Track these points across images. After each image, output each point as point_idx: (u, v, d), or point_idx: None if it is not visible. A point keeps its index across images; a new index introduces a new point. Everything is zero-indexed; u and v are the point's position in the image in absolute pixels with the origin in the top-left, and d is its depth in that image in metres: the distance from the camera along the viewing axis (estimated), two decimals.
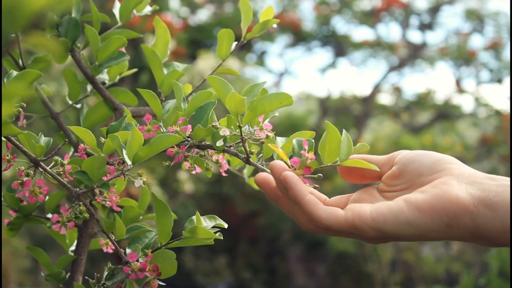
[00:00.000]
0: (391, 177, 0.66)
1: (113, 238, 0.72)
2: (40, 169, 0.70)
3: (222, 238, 0.69)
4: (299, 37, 5.43)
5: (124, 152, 0.68)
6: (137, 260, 0.68)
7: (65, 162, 0.71)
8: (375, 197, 0.67)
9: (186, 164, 0.73)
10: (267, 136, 0.69)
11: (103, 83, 0.88)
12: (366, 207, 0.63)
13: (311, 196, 0.64)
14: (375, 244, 0.65)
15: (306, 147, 0.67)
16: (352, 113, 5.61)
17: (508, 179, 0.60)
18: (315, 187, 0.68)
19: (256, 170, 0.71)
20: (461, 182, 0.61)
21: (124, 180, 0.71)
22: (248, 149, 0.69)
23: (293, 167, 0.66)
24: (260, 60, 5.59)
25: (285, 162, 0.67)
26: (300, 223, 0.67)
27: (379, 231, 0.61)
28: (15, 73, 0.69)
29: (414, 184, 0.64)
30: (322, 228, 0.64)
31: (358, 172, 0.69)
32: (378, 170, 0.68)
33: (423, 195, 0.61)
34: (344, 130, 0.68)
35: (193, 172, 0.72)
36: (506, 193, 0.59)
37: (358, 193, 0.68)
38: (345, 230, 0.63)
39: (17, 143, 0.70)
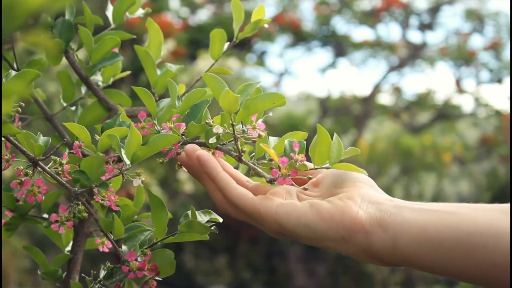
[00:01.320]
0: (313, 183, 0.70)
1: (112, 237, 0.72)
2: (39, 169, 0.70)
3: (217, 232, 0.70)
4: (299, 37, 5.43)
5: (123, 151, 0.68)
6: (136, 259, 0.68)
7: (64, 161, 0.71)
8: (290, 195, 0.69)
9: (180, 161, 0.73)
10: (259, 136, 0.69)
11: (97, 85, 0.88)
12: (276, 200, 0.66)
13: (225, 173, 0.68)
14: (273, 237, 0.68)
15: (297, 149, 0.67)
16: (352, 113, 5.61)
17: (405, 202, 0.63)
18: (305, 189, 0.69)
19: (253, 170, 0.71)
20: (364, 201, 0.64)
21: (123, 179, 0.72)
22: (240, 147, 0.70)
23: (280, 166, 0.67)
24: (260, 60, 5.59)
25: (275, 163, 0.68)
26: (215, 200, 0.71)
27: (280, 225, 0.65)
28: (13, 73, 0.69)
29: (325, 193, 0.67)
30: (231, 206, 0.68)
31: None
32: (366, 173, 0.69)
33: (327, 204, 0.64)
34: (335, 134, 0.69)
35: (185, 170, 0.73)
36: (398, 214, 0.61)
37: (278, 188, 0.71)
38: (251, 214, 0.66)
39: (16, 142, 0.70)
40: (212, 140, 0.70)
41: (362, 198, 0.64)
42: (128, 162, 0.68)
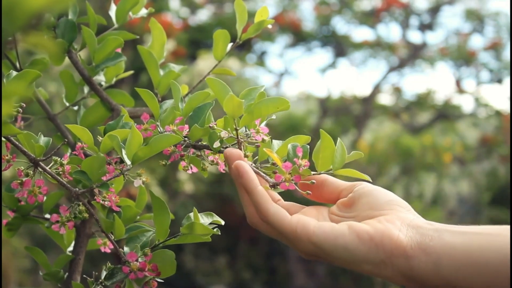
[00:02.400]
0: (345, 203, 0.69)
1: (113, 238, 0.72)
2: (40, 169, 0.70)
3: (219, 233, 0.70)
4: (299, 37, 5.43)
5: (124, 152, 0.68)
6: (137, 260, 0.68)
7: (65, 162, 0.71)
8: (323, 217, 0.69)
9: (182, 164, 0.73)
10: (263, 140, 0.69)
11: (100, 85, 0.88)
12: (312, 221, 0.65)
13: (262, 188, 0.66)
14: (305, 258, 0.67)
15: (300, 154, 0.67)
16: (352, 113, 5.61)
17: (445, 225, 0.63)
18: (308, 193, 0.68)
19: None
20: (404, 224, 0.63)
21: (124, 180, 0.72)
22: (244, 151, 0.70)
23: (283, 171, 0.67)
24: (260, 60, 5.58)
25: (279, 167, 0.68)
26: (247, 213, 0.70)
27: (316, 246, 0.63)
28: (14, 73, 0.69)
29: (361, 215, 0.66)
30: (265, 223, 0.67)
31: (317, 190, 0.71)
32: (370, 180, 0.70)
33: (367, 226, 0.63)
34: (339, 139, 0.68)
35: (189, 172, 0.73)
36: (440, 237, 0.61)
37: (310, 208, 0.70)
38: (286, 233, 0.65)
39: (17, 143, 0.70)
40: (216, 144, 0.70)
41: (401, 221, 0.63)
42: (129, 162, 0.68)
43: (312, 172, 0.68)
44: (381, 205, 0.66)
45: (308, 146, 0.69)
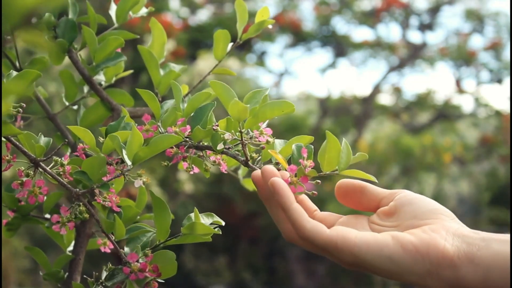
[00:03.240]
0: (385, 212, 0.67)
1: (113, 238, 0.72)
2: (40, 170, 0.70)
3: (220, 233, 0.69)
4: (299, 37, 5.43)
5: (124, 152, 0.68)
6: (137, 261, 0.68)
7: (65, 162, 0.71)
8: (363, 226, 0.67)
9: (184, 165, 0.73)
10: (267, 142, 0.69)
11: (100, 84, 0.88)
12: (352, 232, 0.63)
13: (298, 205, 0.64)
14: (347, 268, 0.66)
15: (305, 155, 0.67)
16: (352, 113, 5.61)
17: (491, 234, 0.61)
18: (313, 194, 0.68)
19: (252, 170, 0.71)
20: (449, 233, 0.62)
21: (124, 180, 0.72)
22: (248, 153, 0.70)
23: (290, 174, 0.66)
24: (260, 60, 5.59)
25: (284, 168, 0.67)
26: (283, 230, 0.68)
27: (359, 258, 0.62)
28: (14, 73, 0.69)
29: (404, 225, 0.65)
30: (303, 239, 0.65)
31: (355, 198, 0.70)
32: (375, 180, 0.69)
33: (411, 236, 0.62)
34: (344, 139, 0.68)
35: (191, 173, 0.73)
36: (488, 247, 0.60)
37: (348, 218, 0.69)
38: (325, 247, 0.63)
39: (17, 143, 0.70)
40: (220, 146, 0.69)
41: (446, 231, 0.62)
42: (129, 163, 0.68)
43: (318, 173, 0.68)
44: (425, 214, 0.64)
45: (312, 147, 0.69)
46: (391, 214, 0.66)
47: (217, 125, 0.70)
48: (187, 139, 0.71)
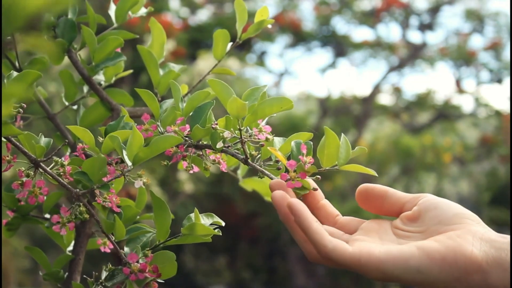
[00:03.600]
0: (409, 217, 0.66)
1: (113, 239, 0.72)
2: (40, 170, 0.70)
3: (220, 234, 0.69)
4: (299, 37, 5.43)
5: (124, 152, 0.68)
6: (137, 261, 0.68)
7: (66, 162, 0.71)
8: (386, 232, 0.66)
9: (183, 164, 0.73)
10: (267, 139, 0.69)
11: (100, 84, 0.88)
12: (375, 248, 0.62)
13: (318, 225, 0.63)
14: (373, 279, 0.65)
15: (304, 152, 0.67)
16: (352, 113, 5.61)
17: None
18: (314, 189, 0.68)
19: (251, 170, 0.71)
20: (476, 238, 0.60)
21: (124, 181, 0.71)
22: (248, 151, 0.69)
23: (289, 170, 0.66)
24: (260, 60, 5.59)
25: (283, 165, 0.67)
26: (305, 250, 0.67)
27: (386, 273, 0.61)
28: (15, 73, 0.69)
29: (429, 230, 0.63)
30: (326, 259, 0.64)
31: (377, 203, 0.68)
32: (376, 174, 0.68)
33: (437, 244, 0.61)
34: (342, 134, 0.68)
35: (191, 172, 0.73)
36: None
37: (371, 223, 0.68)
38: (349, 266, 0.62)
39: (17, 143, 0.70)
40: (219, 145, 0.69)
41: (473, 236, 0.61)
42: (129, 163, 0.68)
43: (318, 169, 0.68)
44: (450, 219, 0.63)
45: (312, 143, 0.68)
46: (415, 219, 0.65)
47: (216, 124, 0.70)
48: (187, 138, 0.71)
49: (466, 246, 0.60)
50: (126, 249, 0.71)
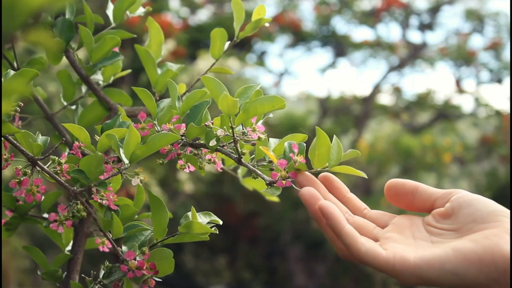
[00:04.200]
0: (442, 214, 0.64)
1: (110, 236, 0.72)
2: (38, 168, 0.70)
3: (217, 232, 0.69)
4: (299, 37, 5.43)
5: (121, 150, 0.68)
6: (135, 259, 0.68)
7: (63, 161, 0.71)
8: (418, 229, 0.65)
9: (180, 162, 0.73)
10: (259, 138, 0.69)
11: (98, 84, 0.88)
12: (410, 252, 0.61)
13: (350, 228, 0.62)
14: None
15: (296, 151, 0.67)
16: (352, 113, 5.61)
17: None
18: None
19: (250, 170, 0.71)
20: None
21: (122, 178, 0.72)
22: (240, 149, 0.69)
23: (279, 169, 0.66)
24: (260, 60, 5.59)
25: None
26: (336, 249, 0.66)
27: (422, 278, 0.60)
28: (12, 72, 0.69)
29: (463, 229, 0.62)
30: (358, 262, 0.63)
31: (407, 199, 0.67)
32: (366, 177, 0.67)
33: (473, 244, 0.59)
34: (335, 136, 0.67)
35: (186, 171, 0.73)
36: None
37: (402, 218, 0.67)
38: (382, 269, 0.61)
39: (15, 142, 0.70)
40: (212, 143, 0.69)
41: (509, 234, 0.59)
42: (126, 161, 0.68)
43: (309, 170, 0.68)
44: (485, 217, 0.61)
45: (305, 144, 0.68)
46: (448, 216, 0.64)
47: (212, 122, 0.70)
48: (182, 137, 0.71)
49: (503, 246, 0.58)
50: (124, 247, 0.71)
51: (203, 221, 0.70)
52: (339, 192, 0.69)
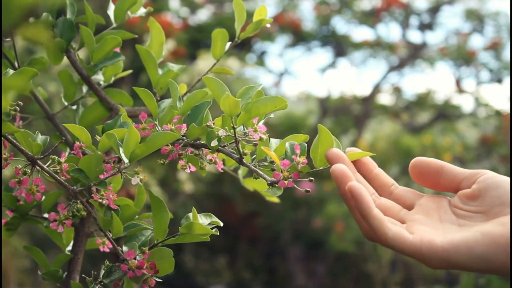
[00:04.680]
0: (468, 195, 0.63)
1: (111, 236, 0.72)
2: (38, 168, 0.70)
3: (218, 233, 0.69)
4: (299, 37, 5.43)
5: (121, 150, 0.68)
6: (135, 258, 0.68)
7: (62, 160, 0.71)
8: (445, 211, 0.64)
9: (181, 163, 0.73)
10: (261, 138, 0.69)
11: (99, 84, 0.88)
12: (437, 236, 0.60)
13: (378, 212, 0.61)
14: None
15: (298, 152, 0.67)
16: (352, 113, 5.61)
17: None
18: (307, 191, 0.68)
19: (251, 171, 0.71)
20: None
21: (121, 178, 0.72)
22: (241, 150, 0.69)
23: (282, 169, 0.66)
24: (260, 60, 5.58)
25: (277, 165, 0.67)
26: (362, 230, 0.66)
27: (450, 262, 0.59)
28: (11, 71, 0.69)
29: (491, 211, 0.61)
30: (385, 246, 0.62)
31: (433, 178, 0.66)
32: (374, 154, 0.67)
33: (502, 228, 0.58)
34: (334, 137, 0.67)
35: (187, 171, 0.73)
36: None
37: (427, 199, 0.66)
38: (409, 254, 0.61)
39: (15, 141, 0.70)
40: (214, 143, 0.70)
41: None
42: (126, 160, 0.68)
43: (311, 170, 0.68)
44: None
45: (306, 145, 0.69)
46: (475, 197, 0.63)
47: (213, 123, 0.70)
48: (183, 137, 0.71)
49: None
50: (124, 248, 0.71)
51: (204, 222, 0.70)
52: (366, 167, 0.68)
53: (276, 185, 0.67)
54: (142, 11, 0.90)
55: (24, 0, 0.38)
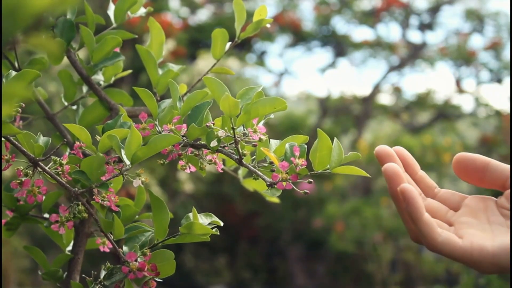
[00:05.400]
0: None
1: (112, 238, 0.72)
2: (39, 169, 0.70)
3: (218, 233, 0.69)
4: (299, 37, 5.43)
5: (123, 152, 0.68)
6: (136, 260, 0.68)
7: (64, 162, 0.71)
8: (492, 212, 0.63)
9: (180, 163, 0.73)
10: (260, 139, 0.69)
11: (99, 84, 0.88)
12: (487, 241, 0.59)
13: (428, 216, 0.60)
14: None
15: (297, 154, 0.67)
16: (352, 113, 5.61)
17: None
18: (305, 193, 0.68)
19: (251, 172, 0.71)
20: None
21: (123, 180, 0.72)
22: (241, 150, 0.69)
23: (280, 171, 0.66)
24: (260, 60, 5.58)
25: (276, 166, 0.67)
26: (409, 229, 0.65)
27: (500, 266, 0.58)
28: (13, 73, 0.69)
29: None
30: (434, 251, 0.62)
31: (477, 175, 0.65)
32: (370, 176, 0.67)
33: None
34: (335, 139, 0.67)
35: (187, 171, 0.73)
36: None
37: (474, 200, 0.65)
38: (460, 259, 0.60)
39: (16, 143, 0.70)
40: (214, 143, 0.69)
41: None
42: (128, 162, 0.68)
43: (309, 172, 0.68)
44: None
45: (306, 146, 0.68)
46: None
47: (213, 123, 0.70)
48: (183, 137, 0.71)
49: None
50: (124, 248, 0.71)
51: (204, 222, 0.70)
52: (411, 169, 0.67)
53: (275, 186, 0.67)
54: (142, 11, 0.90)
55: (30, 9, 0.37)
